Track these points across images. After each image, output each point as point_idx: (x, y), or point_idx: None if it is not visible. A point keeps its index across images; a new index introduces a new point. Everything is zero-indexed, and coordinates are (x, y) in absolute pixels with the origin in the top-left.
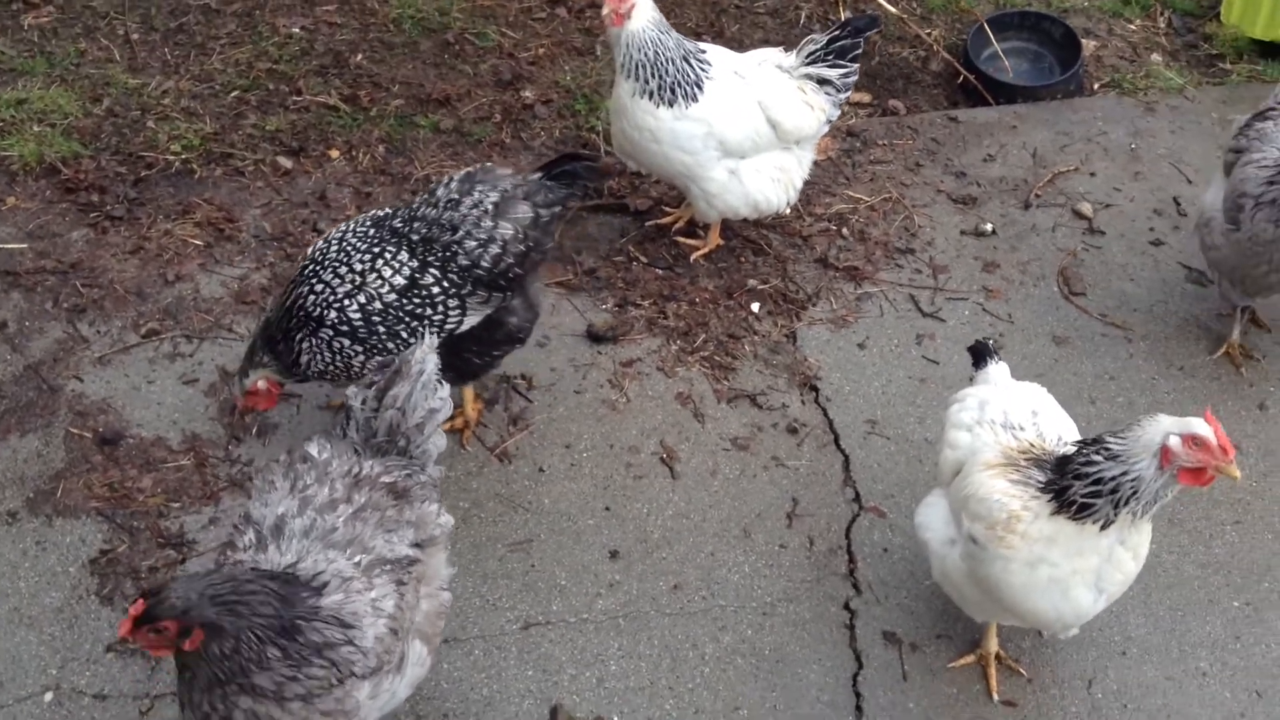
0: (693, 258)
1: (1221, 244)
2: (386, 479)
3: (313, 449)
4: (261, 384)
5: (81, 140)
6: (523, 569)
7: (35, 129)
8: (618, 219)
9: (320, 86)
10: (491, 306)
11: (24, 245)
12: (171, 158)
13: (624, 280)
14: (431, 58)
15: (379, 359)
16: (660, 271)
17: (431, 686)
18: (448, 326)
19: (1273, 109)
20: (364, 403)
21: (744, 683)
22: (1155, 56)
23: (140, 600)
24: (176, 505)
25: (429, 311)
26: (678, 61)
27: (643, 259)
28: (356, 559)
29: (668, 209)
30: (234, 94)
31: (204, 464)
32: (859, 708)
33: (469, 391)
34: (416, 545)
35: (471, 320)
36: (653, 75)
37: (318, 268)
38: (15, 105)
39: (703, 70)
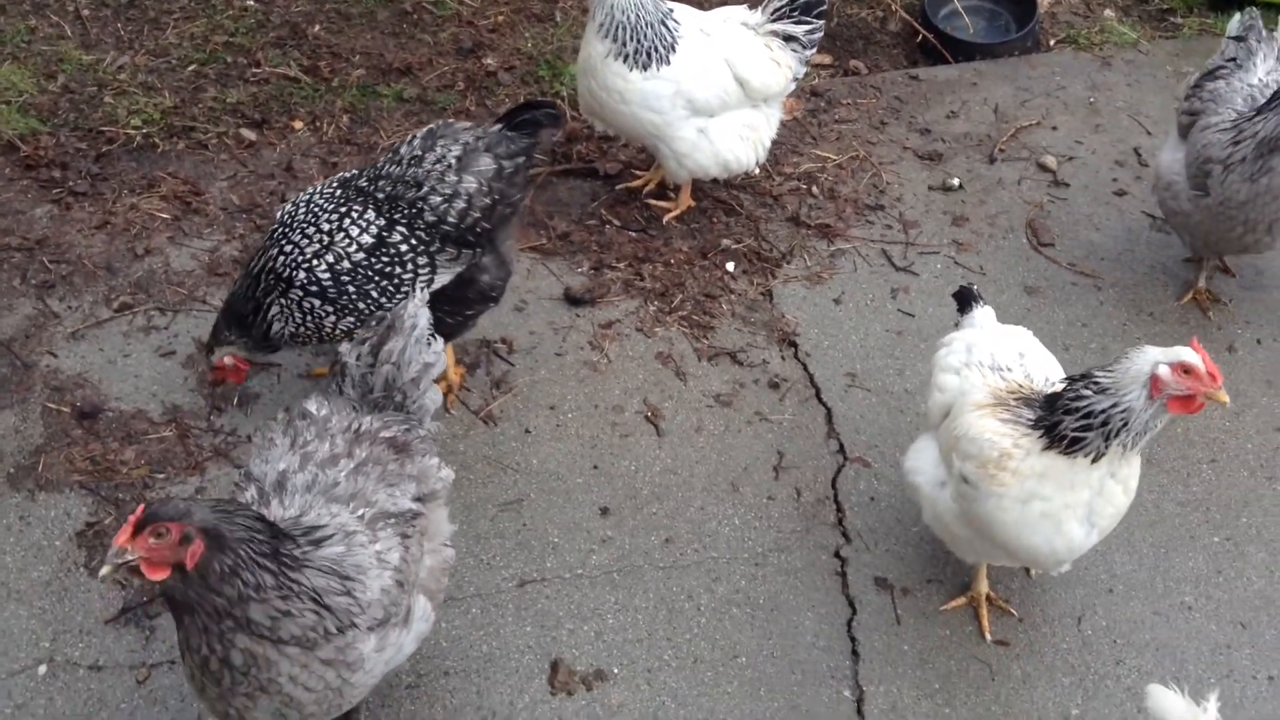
0: (665, 219)
1: (1190, 210)
2: (386, 434)
3: (311, 405)
4: (228, 360)
5: (39, 117)
6: (515, 528)
7: None
8: (588, 183)
9: (279, 58)
10: (462, 264)
11: None
12: (132, 132)
13: (598, 243)
14: (390, 27)
15: (350, 320)
16: (634, 234)
17: (431, 645)
18: (418, 285)
19: (1222, 67)
20: (358, 359)
21: (740, 631)
22: (1108, 12)
23: (141, 505)
24: (161, 476)
25: (398, 270)
26: (656, 26)
27: (615, 222)
28: (360, 512)
29: (637, 172)
30: (191, 68)
31: (186, 435)
32: (855, 652)
33: (448, 354)
34: (418, 499)
35: (443, 278)
36: (631, 38)
37: (286, 229)
38: None
39: (675, 32)
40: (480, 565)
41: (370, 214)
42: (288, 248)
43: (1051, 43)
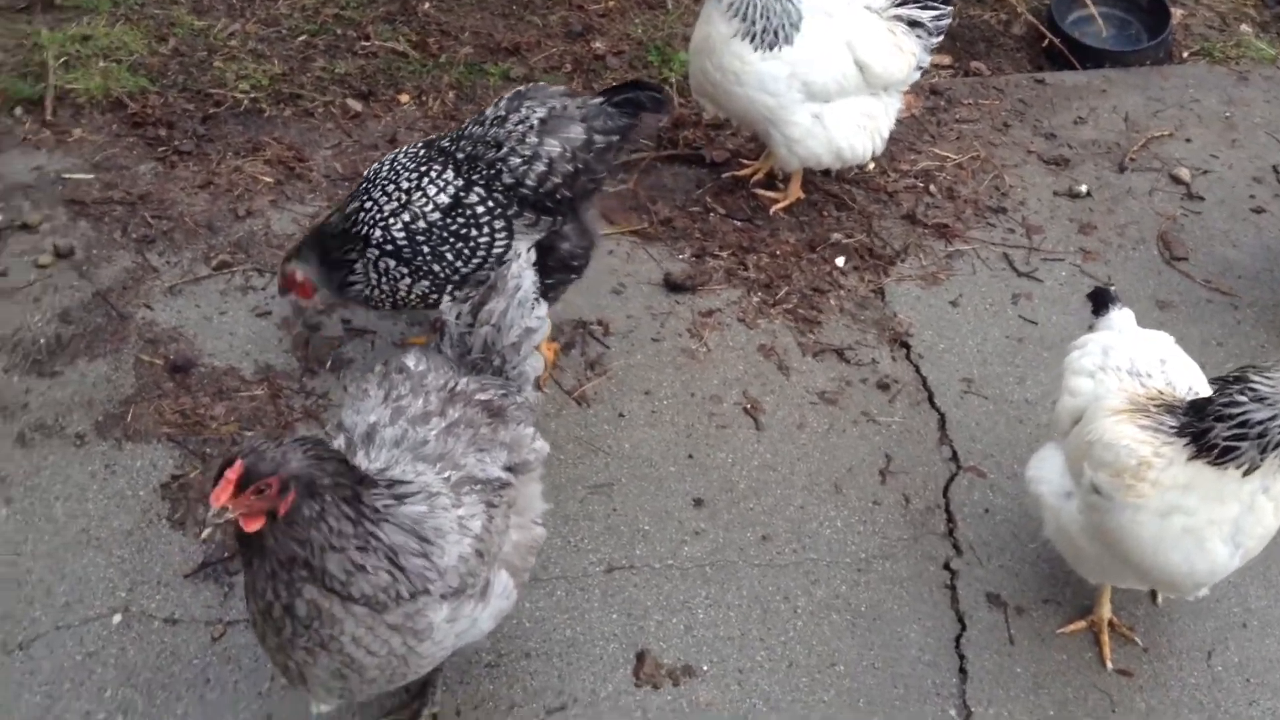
0: (773, 210)
1: None
2: (482, 396)
3: (410, 360)
4: (299, 275)
5: (148, 76)
6: (604, 512)
7: (101, 64)
8: (693, 170)
9: (388, 33)
10: (541, 231)
11: (91, 176)
12: (240, 96)
13: (701, 231)
14: (500, 9)
15: (425, 284)
16: (739, 223)
17: (513, 625)
18: (495, 250)
19: None
20: (458, 317)
21: (839, 638)
22: (1244, 27)
23: (238, 461)
24: (250, 433)
25: (474, 233)
26: (782, 2)
27: (720, 210)
28: (446, 474)
29: (745, 161)
30: (301, 38)
31: (278, 395)
32: (963, 670)
33: None
34: (509, 469)
35: (521, 245)
36: (760, 17)
37: (370, 186)
38: (80, 41)
39: (799, 10)
40: (567, 547)
41: (449, 174)
42: (368, 204)
43: (1184, 54)
